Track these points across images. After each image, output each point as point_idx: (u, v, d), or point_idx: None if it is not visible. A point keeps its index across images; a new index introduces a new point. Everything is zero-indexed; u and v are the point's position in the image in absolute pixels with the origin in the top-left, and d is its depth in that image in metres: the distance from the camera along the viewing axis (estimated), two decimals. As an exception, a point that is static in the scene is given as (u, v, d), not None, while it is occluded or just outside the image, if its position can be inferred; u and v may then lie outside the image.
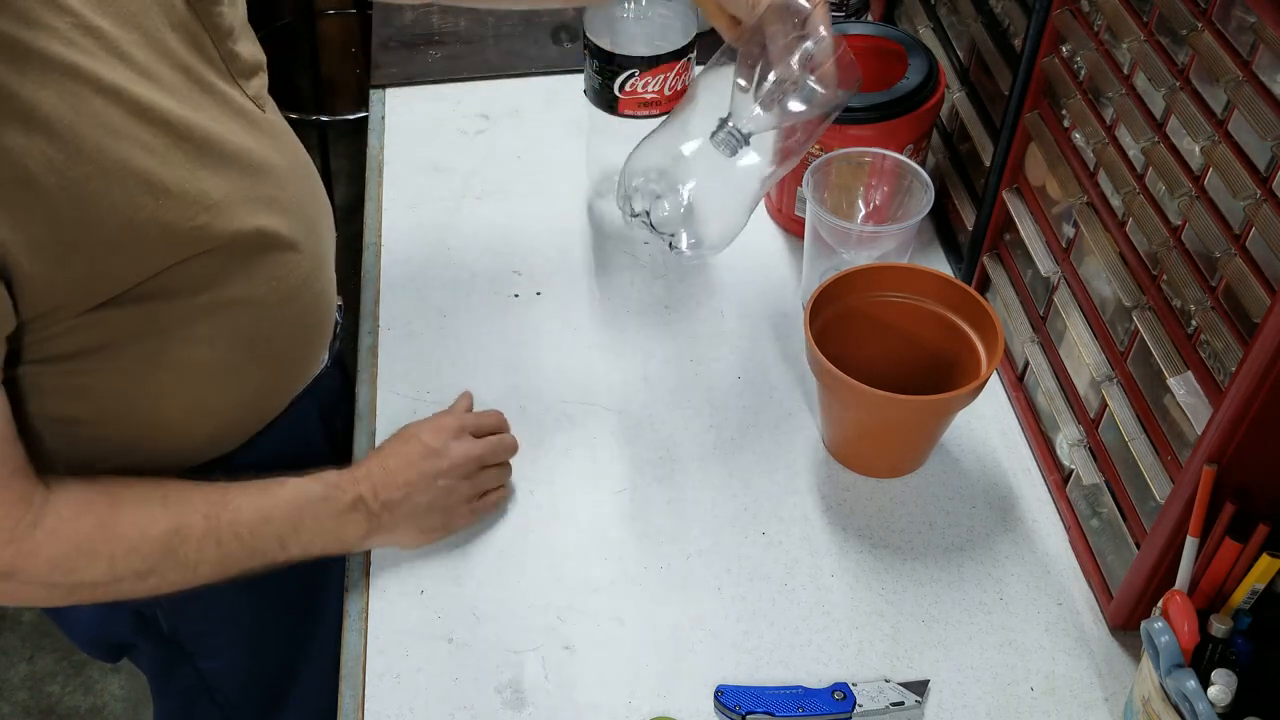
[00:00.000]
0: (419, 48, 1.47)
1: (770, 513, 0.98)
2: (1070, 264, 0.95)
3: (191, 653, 1.08)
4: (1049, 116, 0.97)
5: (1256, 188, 0.71)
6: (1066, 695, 0.87)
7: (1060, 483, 0.99)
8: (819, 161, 1.08)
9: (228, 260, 0.84)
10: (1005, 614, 0.92)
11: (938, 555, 0.96)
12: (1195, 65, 0.77)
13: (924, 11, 1.25)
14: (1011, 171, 1.03)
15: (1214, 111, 0.75)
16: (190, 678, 1.10)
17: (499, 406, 1.05)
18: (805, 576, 0.94)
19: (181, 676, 1.10)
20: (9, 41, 0.70)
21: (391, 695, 0.86)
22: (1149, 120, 0.82)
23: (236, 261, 0.85)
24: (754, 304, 1.15)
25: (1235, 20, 0.72)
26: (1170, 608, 0.76)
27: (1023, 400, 1.05)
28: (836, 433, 1.02)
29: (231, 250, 0.84)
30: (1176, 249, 0.80)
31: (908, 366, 1.00)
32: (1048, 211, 0.98)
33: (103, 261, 0.76)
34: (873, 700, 0.85)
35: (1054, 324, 0.99)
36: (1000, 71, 1.05)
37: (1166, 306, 0.81)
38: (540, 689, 0.87)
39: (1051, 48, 0.95)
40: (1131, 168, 0.85)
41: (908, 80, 1.11)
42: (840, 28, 1.20)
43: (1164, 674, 0.75)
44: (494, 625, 0.90)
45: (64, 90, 0.72)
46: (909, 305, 1.01)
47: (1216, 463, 0.76)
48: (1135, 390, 0.86)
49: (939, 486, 1.01)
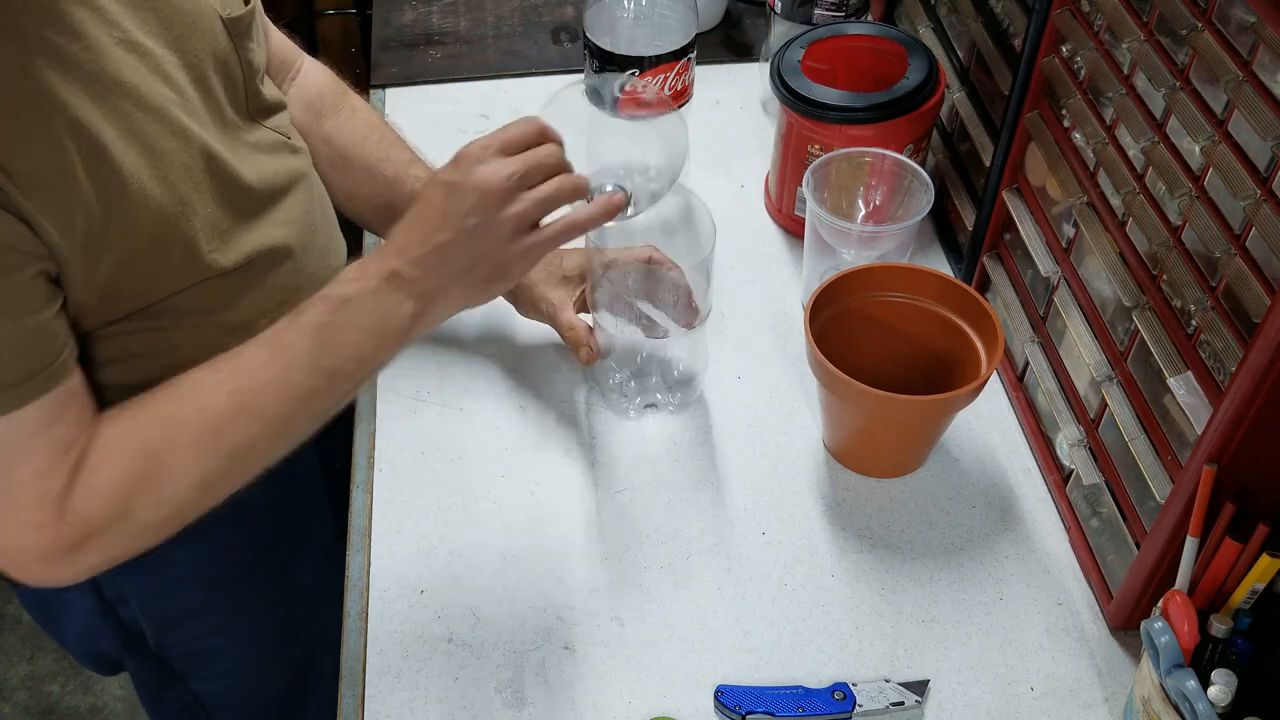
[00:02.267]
0: (419, 48, 1.46)
1: (770, 513, 0.98)
2: (1070, 264, 0.95)
3: (183, 674, 1.07)
4: (1049, 116, 0.97)
5: (1256, 188, 0.71)
6: (1066, 695, 0.87)
7: (1060, 483, 0.99)
8: (819, 161, 1.08)
9: (239, 282, 0.85)
10: (1005, 614, 0.92)
11: (938, 555, 0.96)
12: (1195, 65, 0.77)
13: (924, 11, 1.25)
14: (1011, 171, 1.03)
15: (1214, 111, 0.75)
16: (183, 698, 1.09)
17: (499, 406, 1.05)
18: (805, 576, 0.94)
19: (173, 697, 1.09)
20: (58, 52, 0.70)
21: (391, 695, 0.86)
22: (1149, 120, 0.82)
23: (246, 283, 0.85)
24: (754, 304, 1.15)
25: (1235, 20, 0.72)
26: (1170, 608, 0.76)
27: (1023, 400, 1.05)
28: (836, 433, 1.02)
29: (242, 272, 0.84)
30: (1176, 249, 0.80)
31: (908, 366, 0.99)
32: (1048, 211, 0.98)
33: (127, 273, 0.77)
34: (873, 700, 0.85)
35: (1054, 324, 0.99)
36: (1000, 71, 1.05)
37: (1166, 306, 0.81)
38: (540, 689, 0.87)
39: (1051, 48, 0.95)
40: (1131, 168, 0.85)
41: (908, 80, 1.11)
42: (840, 27, 1.20)
43: (1164, 674, 0.75)
44: (494, 625, 0.90)
45: (109, 103, 0.73)
46: (909, 305, 1.01)
47: (1216, 463, 0.75)
48: (1135, 390, 0.86)
49: (939, 486, 1.01)
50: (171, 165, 0.78)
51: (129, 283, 0.78)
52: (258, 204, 0.87)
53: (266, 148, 0.90)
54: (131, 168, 0.74)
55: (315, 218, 0.96)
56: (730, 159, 1.31)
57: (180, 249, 0.79)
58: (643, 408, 1.05)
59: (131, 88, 0.75)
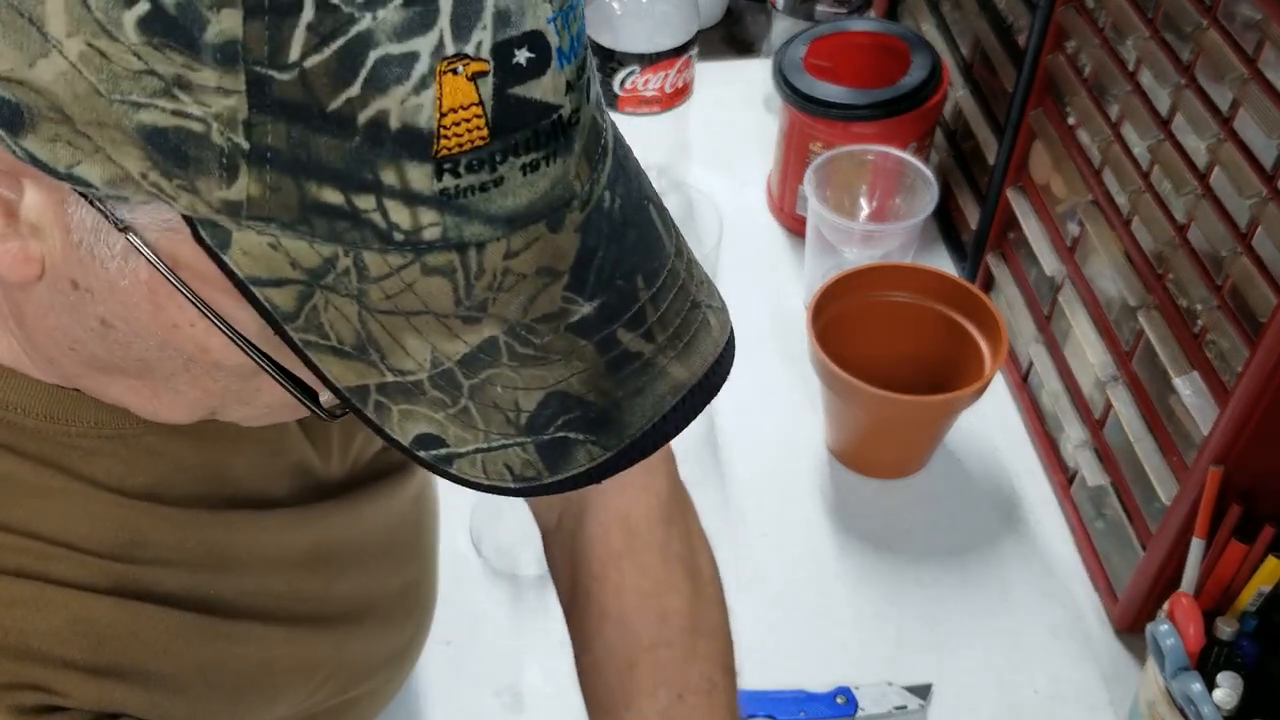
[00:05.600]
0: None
1: (772, 514, 0.98)
2: (1075, 263, 0.94)
3: None
4: (1053, 114, 0.96)
5: (1263, 186, 0.70)
6: (1071, 699, 0.87)
7: (1065, 484, 0.98)
8: (821, 159, 1.07)
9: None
10: (1009, 616, 0.91)
11: (941, 557, 0.95)
12: (1201, 62, 0.76)
13: (927, 8, 1.24)
14: (1016, 170, 1.03)
15: (1220, 109, 0.74)
16: None
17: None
18: (807, 578, 0.93)
19: None
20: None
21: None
22: (1154, 118, 0.81)
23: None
24: (755, 303, 1.15)
25: (1241, 17, 0.72)
26: (1176, 610, 0.76)
27: (1027, 400, 1.05)
28: (839, 433, 1.01)
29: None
30: (1182, 248, 0.79)
31: (911, 366, 0.99)
32: (1052, 210, 0.98)
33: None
34: (875, 704, 0.85)
35: (1059, 323, 0.98)
36: (1004, 69, 1.04)
37: (1172, 306, 0.81)
38: (539, 692, 0.86)
39: (1056, 45, 0.94)
40: (1137, 166, 0.84)
41: (911, 77, 1.11)
42: (842, 24, 1.20)
43: (1169, 677, 0.74)
44: (492, 628, 0.90)
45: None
46: (912, 305, 1.00)
47: (1222, 464, 0.75)
48: (1141, 390, 0.85)
49: (942, 487, 1.00)
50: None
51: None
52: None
53: None
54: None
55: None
56: (732, 157, 1.30)
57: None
58: None
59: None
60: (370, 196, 0.34)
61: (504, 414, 0.38)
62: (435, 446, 0.38)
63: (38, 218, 0.38)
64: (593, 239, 0.38)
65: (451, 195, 0.34)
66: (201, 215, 0.35)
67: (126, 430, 0.50)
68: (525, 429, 0.38)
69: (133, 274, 0.38)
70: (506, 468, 0.38)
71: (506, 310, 0.37)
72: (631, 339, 0.39)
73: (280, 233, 0.35)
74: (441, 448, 0.38)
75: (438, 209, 0.34)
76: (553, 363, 0.38)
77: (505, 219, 0.35)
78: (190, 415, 0.45)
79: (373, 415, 0.38)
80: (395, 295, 0.36)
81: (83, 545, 0.49)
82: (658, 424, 0.39)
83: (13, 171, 0.37)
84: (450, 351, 0.37)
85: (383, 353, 0.37)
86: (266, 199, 0.34)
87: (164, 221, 0.36)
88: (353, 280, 0.35)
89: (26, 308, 0.43)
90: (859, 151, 1.09)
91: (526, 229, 0.36)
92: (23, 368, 0.47)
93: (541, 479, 0.39)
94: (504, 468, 0.38)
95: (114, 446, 0.50)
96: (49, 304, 0.41)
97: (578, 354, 0.38)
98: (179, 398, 0.44)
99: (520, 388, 0.38)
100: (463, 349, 0.37)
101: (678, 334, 0.40)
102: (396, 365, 0.37)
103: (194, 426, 0.48)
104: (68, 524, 0.49)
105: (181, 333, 0.39)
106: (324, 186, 0.34)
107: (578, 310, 0.38)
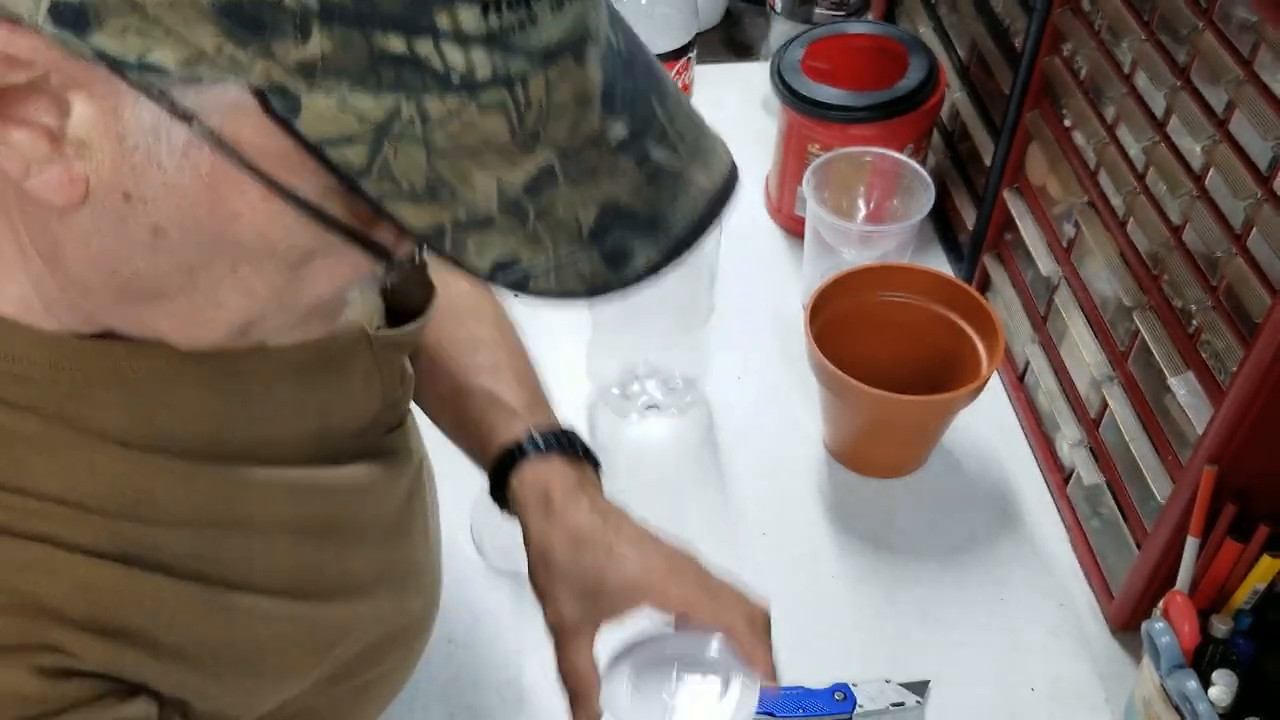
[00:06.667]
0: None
1: (771, 513, 0.98)
2: (1071, 264, 0.95)
3: None
4: (1050, 116, 0.96)
5: (1258, 187, 0.70)
6: (1068, 696, 0.87)
7: (1061, 483, 0.99)
8: (819, 161, 1.08)
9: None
10: (1006, 615, 0.92)
11: (939, 556, 0.95)
12: (1196, 65, 0.76)
13: (924, 11, 1.25)
14: (1012, 171, 1.03)
15: (1215, 111, 0.75)
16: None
17: (499, 407, 1.05)
18: (806, 577, 0.94)
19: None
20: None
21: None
22: (1150, 120, 0.82)
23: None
24: (754, 304, 1.15)
25: (1236, 20, 0.72)
26: (1171, 608, 0.76)
27: (1023, 400, 1.05)
28: (837, 433, 1.02)
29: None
30: (1177, 249, 0.79)
31: (908, 367, 0.99)
32: (1048, 211, 0.98)
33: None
34: (873, 701, 0.85)
35: (1055, 324, 0.98)
36: (1001, 71, 1.04)
37: (1167, 306, 0.81)
38: (541, 689, 0.86)
39: (1052, 47, 0.95)
40: (1132, 167, 0.84)
41: (908, 79, 1.11)
42: (840, 26, 1.20)
43: (1165, 675, 0.75)
44: (494, 625, 0.90)
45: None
46: (910, 305, 1.01)
47: (1217, 463, 0.75)
48: (1136, 390, 0.86)
49: (940, 487, 1.01)
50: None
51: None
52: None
53: None
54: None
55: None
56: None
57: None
58: (644, 409, 1.05)
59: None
60: (428, 40, 0.36)
61: (567, 230, 0.42)
62: (511, 269, 0.42)
63: (87, 133, 0.38)
64: (611, 70, 0.42)
65: (496, 34, 0.37)
66: (276, 81, 0.36)
67: (136, 377, 0.50)
68: (589, 240, 0.42)
69: (193, 168, 0.39)
70: (578, 276, 0.43)
71: (556, 136, 0.40)
72: (660, 152, 0.44)
73: (349, 90, 0.36)
74: (517, 269, 0.42)
75: (485, 48, 0.37)
76: (601, 181, 0.42)
77: (541, 53, 0.39)
78: (228, 333, 0.46)
79: (451, 251, 0.41)
80: (458, 135, 0.38)
81: (89, 504, 0.49)
82: (694, 223, 0.44)
83: (58, 91, 0.37)
84: (513, 180, 0.40)
85: (453, 191, 0.39)
86: (338, 54, 0.36)
87: (229, 103, 0.37)
88: (417, 127, 0.38)
89: (65, 238, 0.43)
90: (857, 153, 1.09)
91: (558, 62, 0.39)
92: (31, 316, 0.47)
93: (609, 284, 0.43)
94: (575, 277, 0.43)
95: (122, 397, 0.50)
96: (92, 228, 0.41)
97: (620, 170, 0.43)
98: (219, 312, 0.45)
99: (579, 204, 0.42)
100: (523, 176, 0.40)
101: (696, 145, 0.46)
102: (468, 199, 0.40)
103: (206, 374, 0.50)
104: (75, 481, 0.49)
105: (241, 222, 0.40)
106: (388, 35, 0.36)
107: (613, 131, 0.42)
